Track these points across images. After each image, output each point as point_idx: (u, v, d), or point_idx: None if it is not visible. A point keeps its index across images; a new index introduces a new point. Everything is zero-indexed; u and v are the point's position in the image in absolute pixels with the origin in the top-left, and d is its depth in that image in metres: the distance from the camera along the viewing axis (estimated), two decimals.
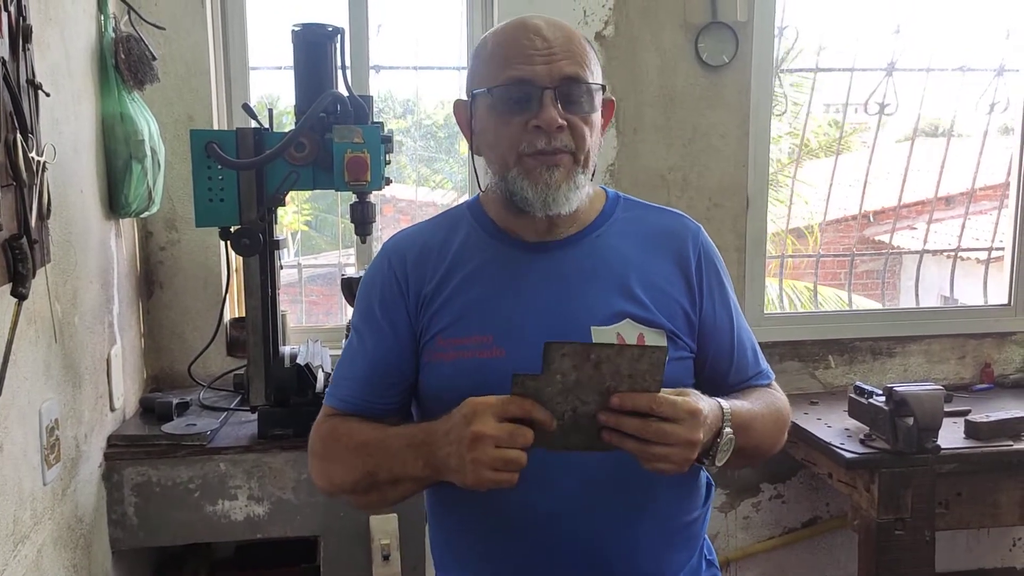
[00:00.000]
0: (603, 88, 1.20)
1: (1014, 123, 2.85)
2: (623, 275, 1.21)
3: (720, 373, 1.28)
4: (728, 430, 1.10)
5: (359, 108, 1.90)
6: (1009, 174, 2.88)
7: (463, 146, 2.73)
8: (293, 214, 4.44)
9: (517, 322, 1.18)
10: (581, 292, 1.20)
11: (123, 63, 1.93)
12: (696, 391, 1.09)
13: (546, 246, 1.23)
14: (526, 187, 1.16)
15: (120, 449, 1.91)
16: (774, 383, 1.34)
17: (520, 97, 1.14)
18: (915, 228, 4.33)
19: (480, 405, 1.01)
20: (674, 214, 1.34)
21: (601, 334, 1.16)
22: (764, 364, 1.33)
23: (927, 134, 3.33)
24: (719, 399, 1.12)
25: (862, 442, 2.18)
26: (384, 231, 3.22)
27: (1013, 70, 2.83)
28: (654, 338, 1.18)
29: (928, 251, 3.15)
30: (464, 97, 1.25)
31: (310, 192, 3.42)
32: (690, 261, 1.25)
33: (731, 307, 1.29)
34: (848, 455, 2.13)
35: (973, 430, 2.23)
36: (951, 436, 2.20)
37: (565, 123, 1.14)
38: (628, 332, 1.18)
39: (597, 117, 1.19)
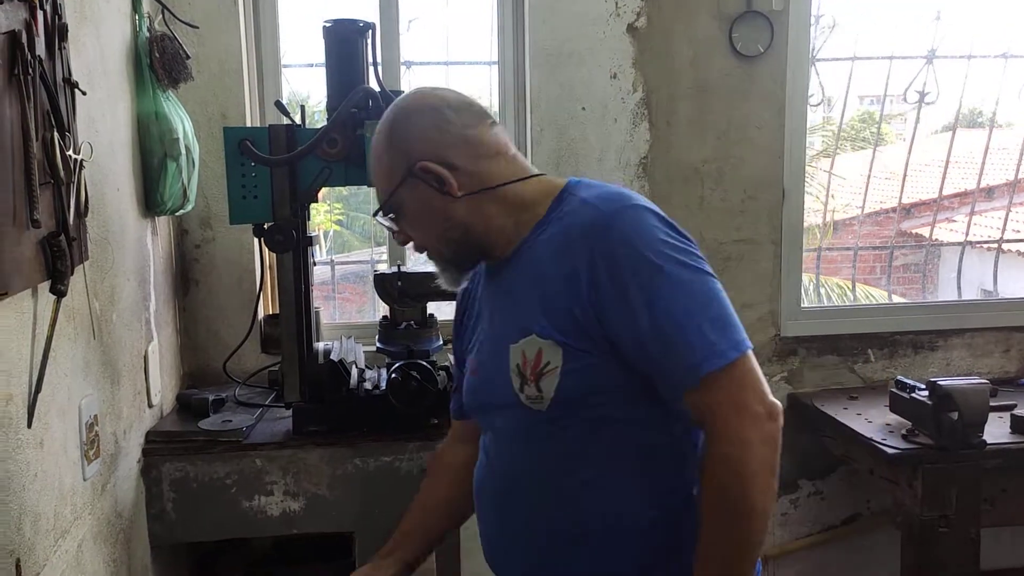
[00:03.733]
0: (406, 174, 1.23)
1: None
2: (534, 287, 1.21)
3: (653, 374, 1.14)
4: None
5: (390, 103, 1.89)
6: None
7: None
8: (325, 213, 4.46)
9: (482, 342, 1.32)
10: (507, 309, 1.26)
11: (157, 62, 1.94)
12: None
13: (499, 266, 1.29)
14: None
15: (158, 445, 1.92)
16: (711, 379, 1.08)
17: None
18: (955, 220, 4.24)
19: None
20: (594, 206, 1.18)
21: (514, 352, 1.21)
22: (695, 358, 1.08)
23: (966, 124, 3.25)
24: None
25: (904, 437, 2.14)
26: None
27: None
28: (550, 351, 1.16)
29: (971, 242, 3.08)
30: None
31: (341, 191, 3.44)
32: (581, 264, 1.14)
33: (637, 310, 1.10)
34: (891, 451, 2.08)
35: (1019, 425, 2.17)
36: (996, 431, 2.15)
37: (406, 236, 1.29)
38: (530, 348, 1.19)
39: (415, 209, 1.25)
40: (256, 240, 1.96)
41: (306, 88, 2.72)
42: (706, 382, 1.08)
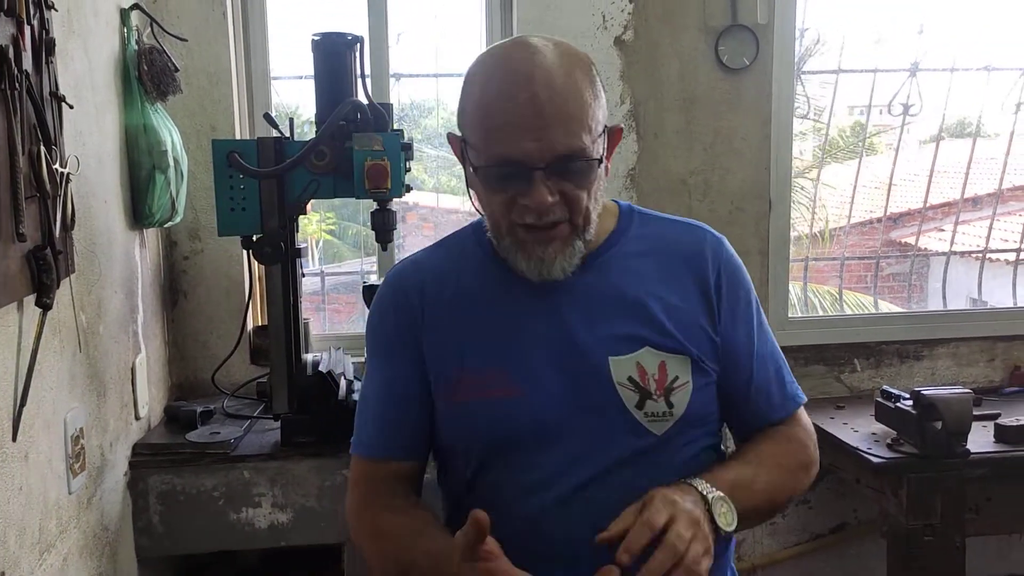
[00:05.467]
0: (604, 130, 1.11)
1: None
2: (639, 298, 1.14)
3: (736, 401, 1.20)
4: (714, 495, 1.03)
5: (379, 116, 1.91)
6: None
7: None
8: (317, 223, 4.47)
9: (531, 357, 1.12)
10: (595, 320, 1.13)
11: (146, 75, 1.95)
12: (655, 495, 0.99)
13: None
14: (519, 259, 1.11)
15: (145, 457, 1.92)
16: (798, 413, 1.24)
17: (507, 175, 1.05)
18: (942, 230, 4.27)
19: None
20: (694, 226, 1.24)
21: (620, 364, 1.11)
22: (791, 390, 1.23)
23: (952, 135, 3.29)
24: (687, 480, 1.05)
25: (889, 446, 2.15)
26: (406, 239, 3.23)
27: None
28: (677, 365, 1.12)
29: (956, 252, 3.10)
30: (455, 132, 1.16)
31: (333, 201, 3.45)
32: (709, 276, 1.18)
33: (753, 329, 1.20)
34: (876, 460, 2.09)
35: (1003, 434, 2.18)
36: (981, 440, 2.16)
37: (557, 198, 1.05)
38: (648, 361, 1.11)
39: (598, 173, 1.09)
40: (245, 252, 1.96)
41: (295, 100, 2.73)
42: (795, 415, 1.24)
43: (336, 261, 5.42)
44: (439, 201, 3.46)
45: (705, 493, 1.03)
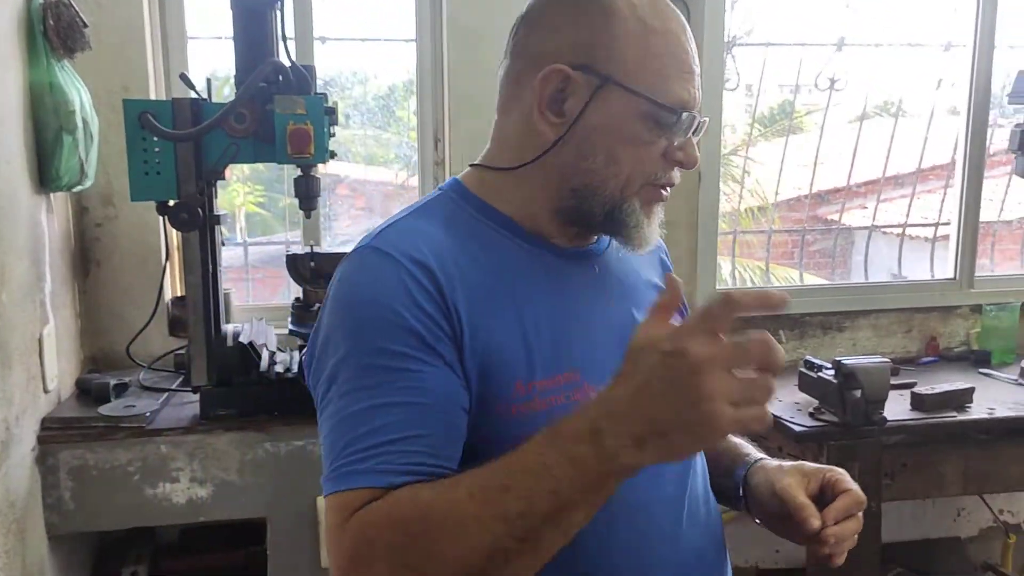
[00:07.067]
0: None
1: (961, 104, 2.88)
2: (649, 281, 1.09)
3: None
4: None
5: (301, 78, 1.84)
6: (955, 153, 2.91)
7: (410, 118, 2.68)
8: (245, 195, 4.35)
9: (592, 350, 0.94)
10: (624, 308, 1.01)
11: (52, 30, 1.84)
12: (807, 469, 1.04)
13: (581, 254, 1.01)
14: (642, 222, 0.95)
15: (54, 432, 1.84)
16: None
17: (678, 125, 0.92)
18: (866, 208, 4.38)
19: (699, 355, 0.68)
20: None
21: None
22: None
23: (878, 114, 3.36)
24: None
25: (811, 415, 2.20)
26: (337, 211, 3.16)
27: (960, 46, 2.85)
28: None
29: (877, 227, 3.18)
30: (564, 67, 0.91)
31: (261, 174, 3.35)
32: (664, 259, 1.17)
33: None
34: (797, 428, 2.14)
35: (919, 402, 2.25)
36: (897, 408, 2.23)
37: None
38: None
39: None
40: (161, 219, 1.89)
41: (216, 63, 2.63)
42: None
43: (267, 235, 5.29)
44: (367, 173, 3.39)
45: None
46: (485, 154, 1.03)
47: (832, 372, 2.17)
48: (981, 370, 2.62)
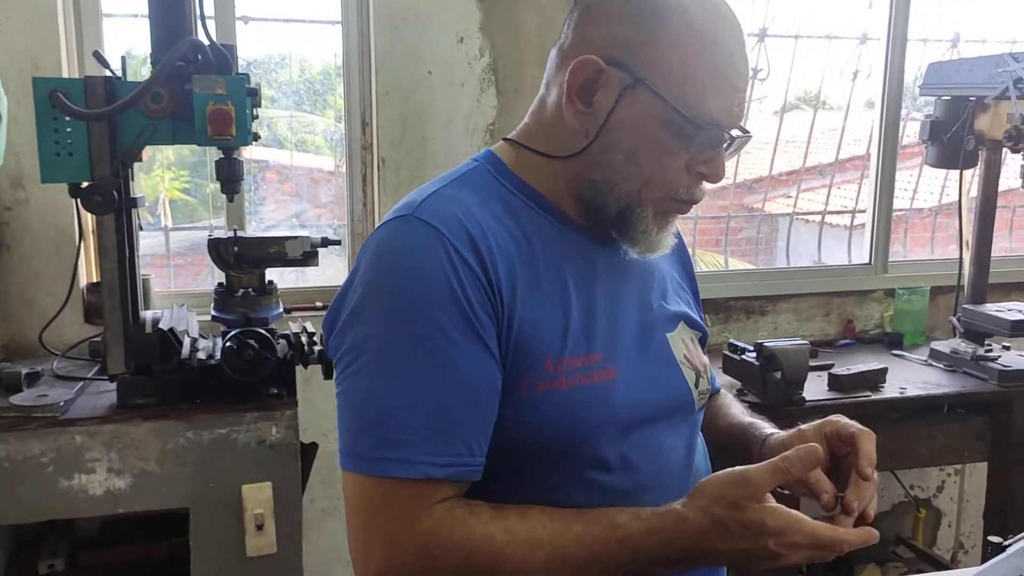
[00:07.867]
0: None
1: (876, 96, 2.98)
2: (666, 271, 1.10)
3: None
4: None
5: (221, 57, 1.80)
6: (870, 145, 3.02)
7: (337, 102, 2.64)
8: (170, 180, 4.22)
9: (616, 333, 0.96)
10: (643, 293, 1.03)
11: None
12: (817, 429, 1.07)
13: (611, 238, 1.00)
14: (650, 229, 0.96)
15: None
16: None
17: (700, 140, 0.91)
18: (789, 196, 4.51)
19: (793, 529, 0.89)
20: None
21: (675, 343, 1.03)
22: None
23: (798, 106, 3.45)
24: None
25: (735, 396, 2.25)
26: (265, 198, 3.09)
27: (875, 39, 2.94)
28: (698, 343, 1.09)
29: (798, 214, 3.27)
30: (599, 59, 0.91)
31: (187, 159, 3.25)
32: (685, 252, 1.19)
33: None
34: None
35: (836, 382, 2.33)
36: (816, 389, 2.30)
37: None
38: (687, 338, 1.06)
39: None
40: (74, 201, 1.82)
41: (132, 42, 2.54)
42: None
43: (194, 221, 5.16)
44: (296, 159, 3.33)
45: None
46: (521, 129, 1.03)
47: (754, 355, 2.22)
48: (894, 351, 2.73)
